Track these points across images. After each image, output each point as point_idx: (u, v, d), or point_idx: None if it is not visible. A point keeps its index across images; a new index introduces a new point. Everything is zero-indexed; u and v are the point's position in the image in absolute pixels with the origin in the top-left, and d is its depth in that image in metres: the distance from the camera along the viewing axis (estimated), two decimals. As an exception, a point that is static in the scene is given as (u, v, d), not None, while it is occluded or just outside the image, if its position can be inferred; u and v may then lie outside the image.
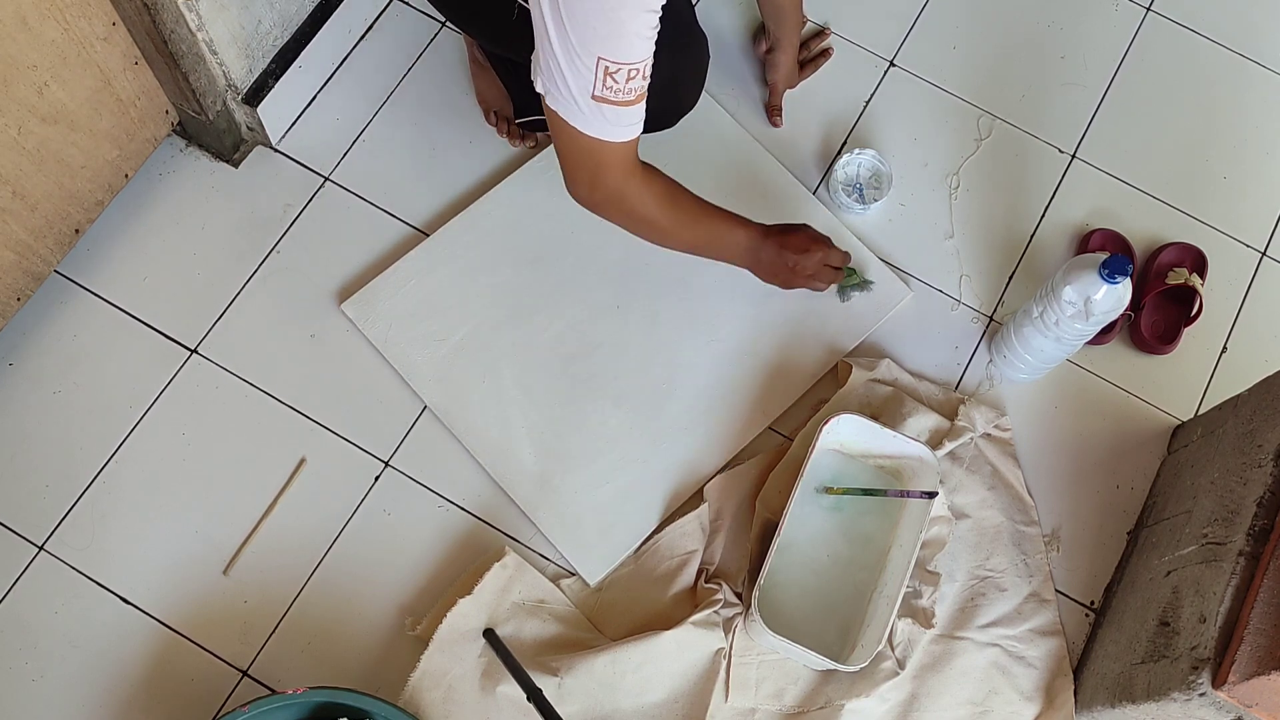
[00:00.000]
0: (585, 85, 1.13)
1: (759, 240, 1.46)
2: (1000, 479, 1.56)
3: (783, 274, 1.50)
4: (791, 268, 1.48)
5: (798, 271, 1.49)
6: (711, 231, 1.44)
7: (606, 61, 1.10)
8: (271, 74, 1.58)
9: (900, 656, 1.45)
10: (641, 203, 1.33)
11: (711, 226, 1.43)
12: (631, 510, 1.51)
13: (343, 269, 1.61)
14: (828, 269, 1.52)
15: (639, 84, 1.15)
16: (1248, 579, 1.23)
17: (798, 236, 1.49)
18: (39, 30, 1.28)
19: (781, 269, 1.49)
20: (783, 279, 1.51)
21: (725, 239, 1.45)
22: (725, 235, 1.45)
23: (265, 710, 1.29)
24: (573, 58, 1.11)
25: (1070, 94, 1.81)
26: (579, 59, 1.11)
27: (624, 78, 1.13)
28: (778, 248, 1.47)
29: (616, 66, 1.11)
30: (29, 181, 1.39)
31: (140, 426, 1.51)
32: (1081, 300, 1.40)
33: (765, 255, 1.47)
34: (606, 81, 1.12)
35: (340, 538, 1.48)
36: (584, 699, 1.39)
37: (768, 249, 1.47)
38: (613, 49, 1.10)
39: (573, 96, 1.14)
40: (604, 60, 1.10)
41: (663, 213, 1.35)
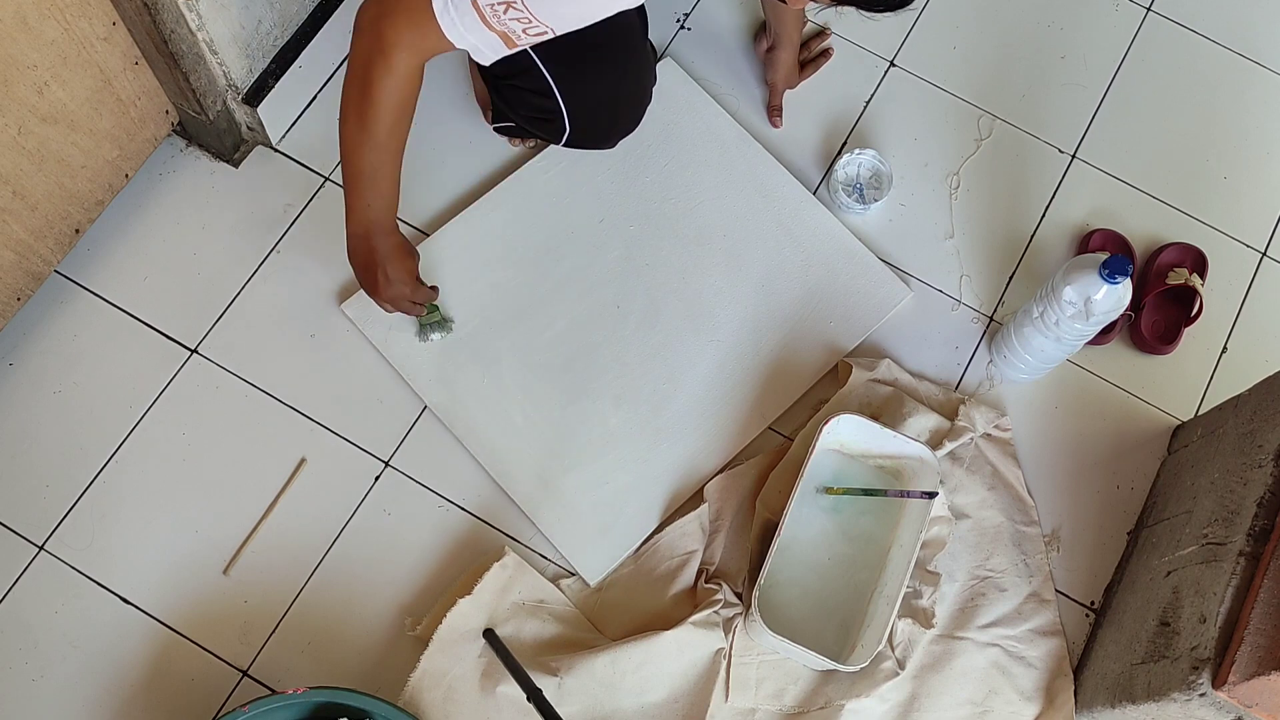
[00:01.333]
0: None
1: (379, 232, 1.38)
2: (1000, 479, 1.56)
3: (365, 278, 1.42)
4: (375, 282, 1.41)
5: (377, 288, 1.42)
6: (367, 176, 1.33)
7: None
8: (272, 74, 1.58)
9: (900, 656, 1.45)
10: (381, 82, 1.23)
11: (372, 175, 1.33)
12: (631, 510, 1.51)
13: (343, 269, 1.60)
14: (404, 300, 1.44)
15: (514, 28, 1.14)
16: (1248, 579, 1.23)
17: (407, 261, 1.42)
18: (39, 30, 1.28)
19: (370, 274, 1.41)
20: (361, 278, 1.43)
21: (363, 191, 1.35)
22: (368, 194, 1.35)
23: (265, 710, 1.29)
24: None
25: (1070, 94, 1.81)
26: None
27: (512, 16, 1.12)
28: (384, 252, 1.39)
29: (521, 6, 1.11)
30: (29, 181, 1.39)
31: (140, 426, 1.51)
32: (1082, 300, 1.40)
33: (364, 250, 1.39)
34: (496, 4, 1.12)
35: (340, 538, 1.48)
36: (584, 699, 1.39)
37: (368, 248, 1.39)
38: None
39: None
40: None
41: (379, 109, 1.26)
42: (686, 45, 1.76)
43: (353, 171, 1.34)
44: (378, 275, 1.41)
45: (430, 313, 1.52)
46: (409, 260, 1.43)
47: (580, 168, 1.66)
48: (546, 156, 1.66)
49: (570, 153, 1.66)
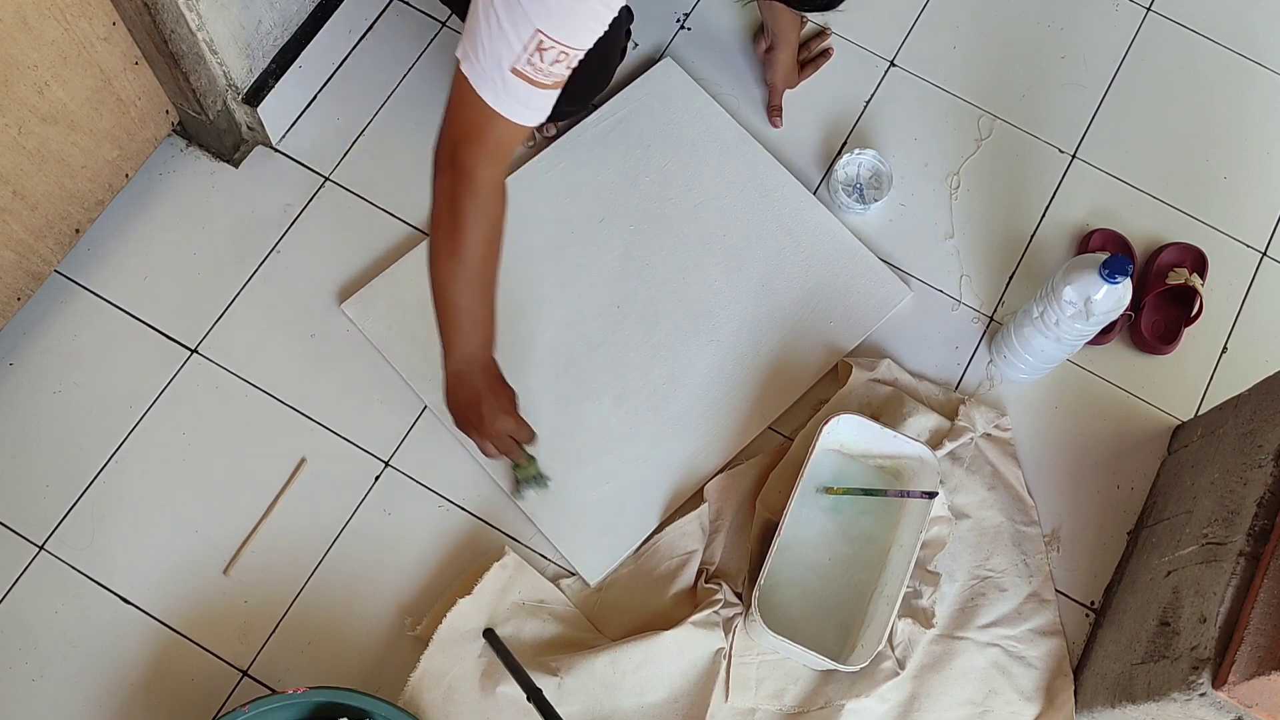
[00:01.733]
0: (510, 54, 1.10)
1: (480, 368, 1.35)
2: (1000, 479, 1.56)
3: (463, 414, 1.37)
4: (475, 420, 1.36)
5: (478, 426, 1.37)
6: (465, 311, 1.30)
7: (543, 35, 1.09)
8: (272, 74, 1.58)
9: (900, 656, 1.45)
10: (468, 205, 1.22)
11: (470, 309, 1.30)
12: (631, 510, 1.51)
13: (343, 269, 1.61)
14: (507, 439, 1.39)
15: (561, 71, 1.13)
16: (1248, 579, 1.23)
17: (503, 396, 1.38)
18: (39, 30, 1.28)
19: (467, 411, 1.37)
20: (461, 417, 1.38)
21: (462, 325, 1.31)
22: (464, 323, 1.31)
23: (265, 710, 1.29)
24: (513, 21, 1.08)
25: (1070, 94, 1.81)
26: (517, 25, 1.09)
27: (551, 59, 1.11)
28: (486, 388, 1.35)
29: (550, 44, 1.10)
30: (29, 181, 1.39)
31: (140, 426, 1.51)
32: (1082, 300, 1.40)
33: (465, 384, 1.35)
34: (533, 57, 1.10)
35: (340, 538, 1.48)
36: (584, 699, 1.39)
37: (469, 381, 1.34)
38: (556, 26, 1.09)
39: (492, 63, 1.11)
40: (541, 34, 1.09)
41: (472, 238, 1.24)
42: (686, 45, 1.76)
43: (449, 309, 1.29)
44: (482, 412, 1.35)
45: (529, 463, 1.46)
46: (510, 393, 1.39)
47: (580, 168, 1.66)
48: (546, 156, 1.66)
49: (570, 153, 1.66)
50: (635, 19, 1.72)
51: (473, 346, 1.33)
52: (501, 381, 1.38)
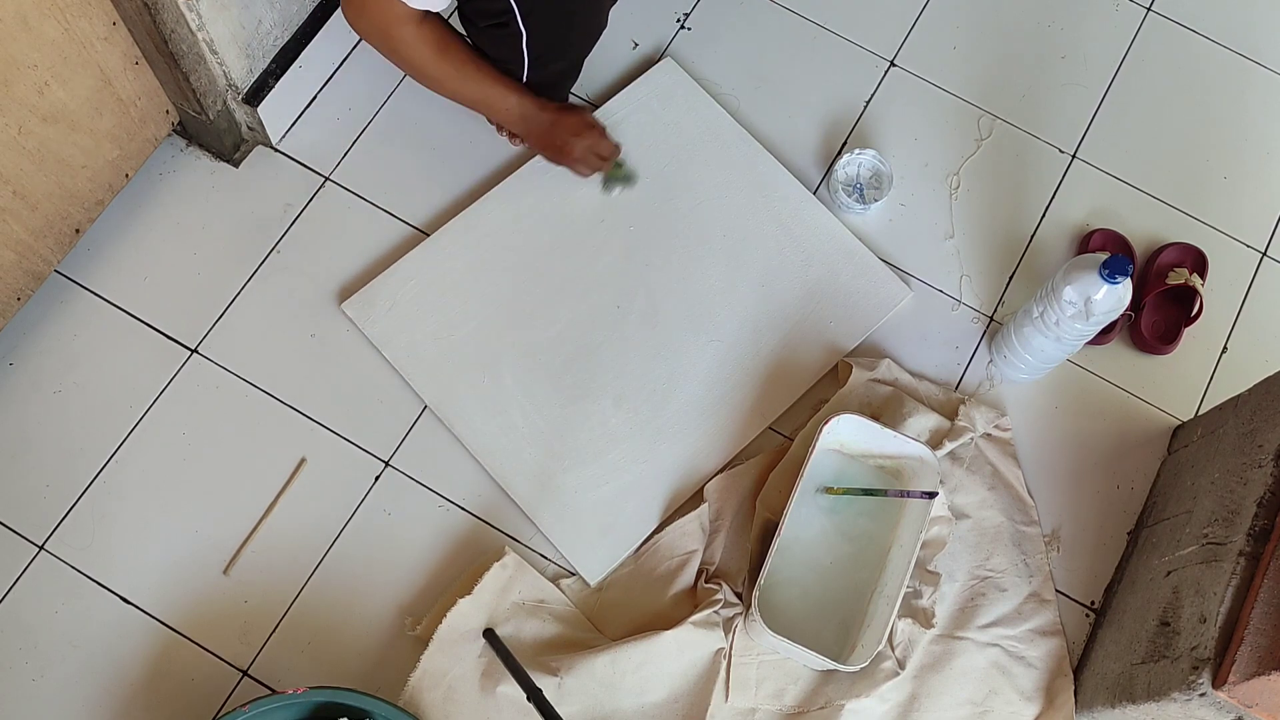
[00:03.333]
0: None
1: (534, 109, 1.51)
2: (1000, 479, 1.56)
3: (551, 148, 1.56)
4: (560, 145, 1.54)
5: (566, 150, 1.54)
6: (481, 90, 1.47)
7: None
8: (272, 74, 1.58)
9: (900, 656, 1.45)
10: (408, 49, 1.38)
11: (481, 85, 1.46)
12: (631, 510, 1.51)
13: (343, 269, 1.61)
14: (595, 156, 1.56)
15: None
16: (1248, 579, 1.23)
17: (574, 118, 1.54)
18: (39, 30, 1.28)
19: (551, 143, 1.55)
20: (551, 153, 1.57)
21: (496, 100, 1.49)
22: (496, 98, 1.48)
23: (265, 710, 1.29)
24: None
25: (1070, 94, 1.81)
26: None
27: None
28: (551, 122, 1.52)
29: None
30: (29, 181, 1.39)
31: (140, 426, 1.51)
32: (1082, 300, 1.40)
33: (538, 125, 1.52)
34: None
35: (340, 538, 1.48)
36: (584, 699, 1.39)
37: (542, 119, 1.51)
38: None
39: None
40: None
41: (430, 63, 1.40)
42: (686, 45, 1.77)
43: (468, 99, 1.48)
44: (556, 148, 1.53)
45: (616, 168, 1.61)
46: (579, 115, 1.53)
47: (580, 168, 1.66)
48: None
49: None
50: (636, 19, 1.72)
51: (511, 99, 1.49)
52: (562, 111, 1.53)
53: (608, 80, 1.73)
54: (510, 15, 1.40)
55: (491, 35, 1.45)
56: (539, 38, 1.44)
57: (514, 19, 1.40)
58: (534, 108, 1.51)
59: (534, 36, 1.43)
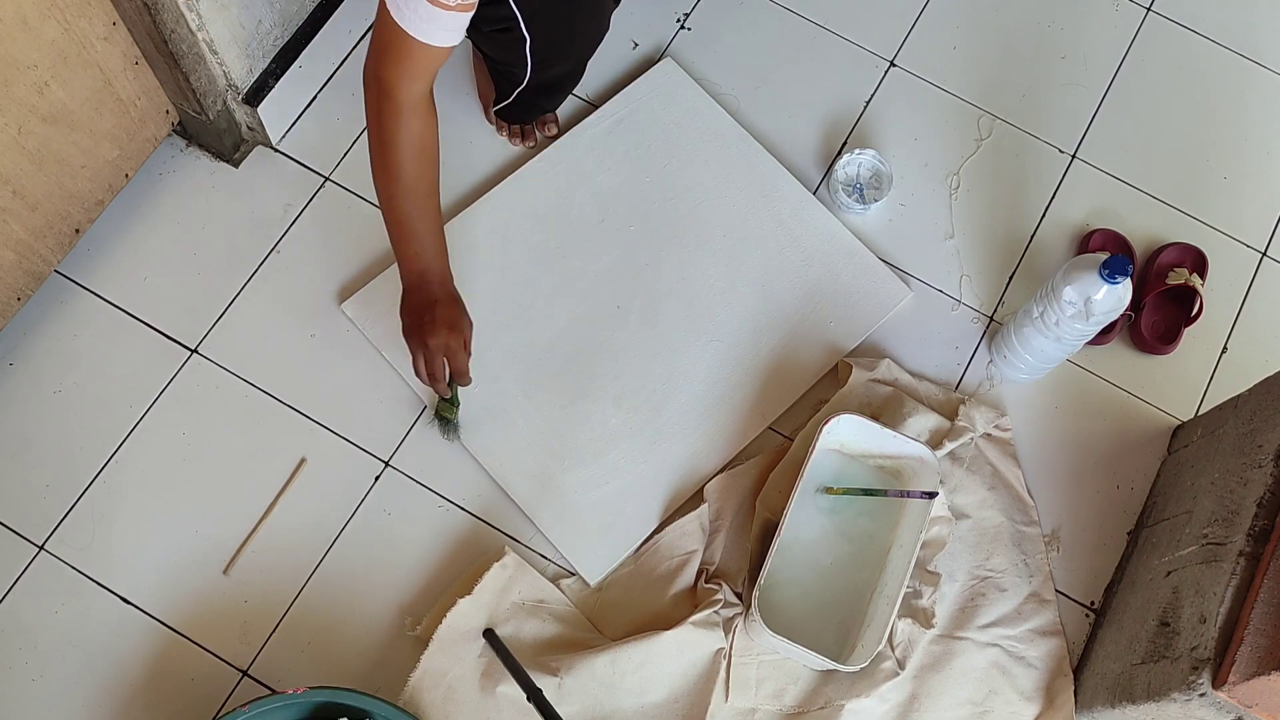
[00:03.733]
0: None
1: (433, 281, 1.37)
2: (1000, 479, 1.56)
3: (412, 321, 1.38)
4: (426, 322, 1.36)
5: (426, 328, 1.36)
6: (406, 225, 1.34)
7: None
8: (272, 74, 1.58)
9: (900, 656, 1.45)
10: (393, 123, 1.27)
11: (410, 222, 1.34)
12: (631, 510, 1.51)
13: (343, 269, 1.61)
14: (440, 359, 1.38)
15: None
16: (1248, 579, 1.23)
17: (458, 315, 1.38)
18: (39, 30, 1.28)
19: (419, 315, 1.37)
20: (407, 324, 1.39)
21: (410, 244, 1.36)
22: (411, 242, 1.36)
23: (265, 710, 1.29)
24: None
25: (1070, 94, 1.81)
26: None
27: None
28: (436, 301, 1.37)
29: None
30: (29, 181, 1.39)
31: (140, 426, 1.51)
32: (1082, 300, 1.40)
33: (423, 294, 1.37)
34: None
35: (340, 538, 1.48)
36: (584, 699, 1.39)
37: (429, 292, 1.37)
38: None
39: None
40: None
41: (400, 154, 1.29)
42: (686, 45, 1.77)
43: (392, 221, 1.35)
44: (424, 319, 1.36)
45: (452, 403, 1.46)
46: (461, 314, 1.39)
47: (580, 167, 1.66)
48: (546, 156, 1.66)
49: (570, 153, 1.66)
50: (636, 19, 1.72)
51: (425, 259, 1.37)
52: (455, 300, 1.40)
53: (608, 80, 1.73)
54: (513, 21, 1.40)
55: (495, 40, 1.46)
56: (542, 42, 1.45)
57: (517, 25, 1.41)
58: (436, 279, 1.37)
59: (537, 41, 1.44)
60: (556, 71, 1.54)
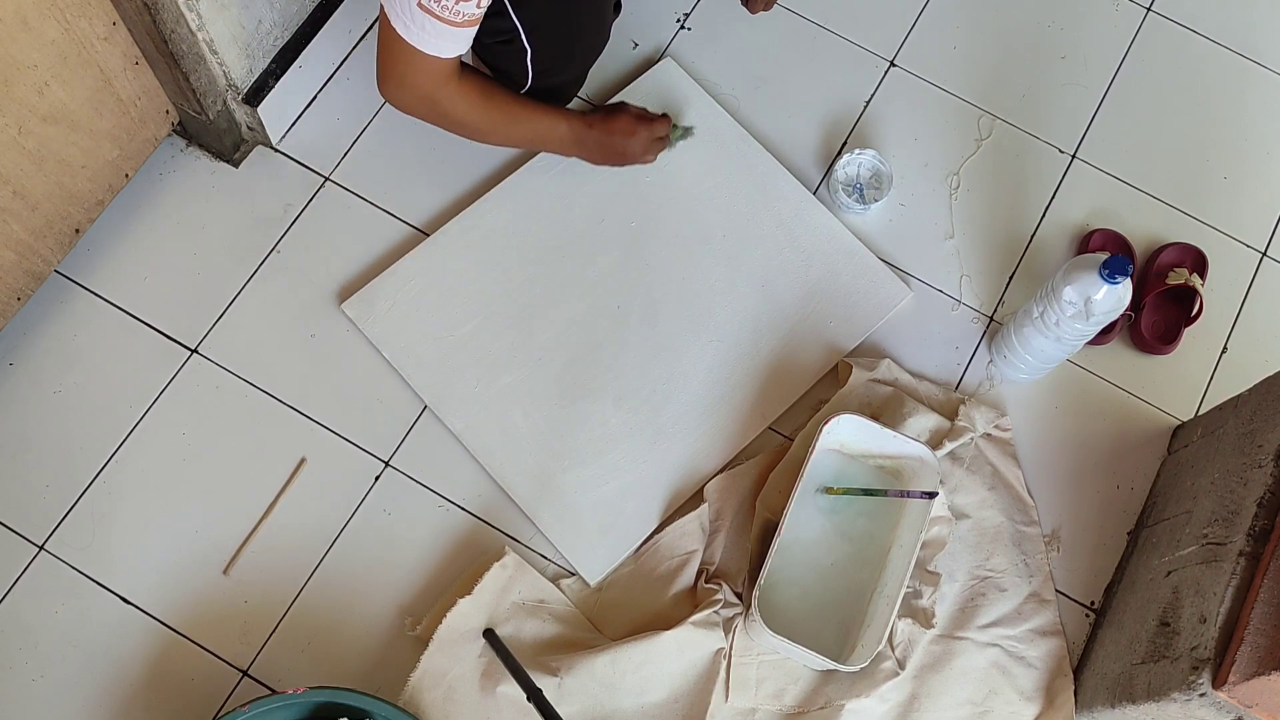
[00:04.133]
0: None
1: (583, 130, 1.53)
2: (1000, 479, 1.56)
3: (614, 156, 1.58)
4: (621, 151, 1.56)
5: (628, 154, 1.57)
6: (532, 129, 1.50)
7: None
8: (272, 74, 1.58)
9: (900, 656, 1.45)
10: (454, 106, 1.38)
11: (531, 124, 1.49)
12: (631, 510, 1.51)
13: (343, 269, 1.61)
14: (656, 142, 1.58)
15: (469, 9, 1.21)
16: (1248, 579, 1.23)
17: (620, 120, 1.55)
18: (39, 30, 1.28)
19: (611, 153, 1.57)
20: (615, 161, 1.59)
21: (548, 134, 1.52)
22: (547, 131, 1.52)
23: (265, 710, 1.29)
24: None
25: (1070, 94, 1.81)
26: None
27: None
28: (604, 134, 1.54)
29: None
30: (29, 181, 1.39)
31: (140, 426, 1.51)
32: (1082, 300, 1.40)
33: (592, 143, 1.54)
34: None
35: (340, 538, 1.48)
36: (584, 699, 1.39)
37: (593, 136, 1.53)
38: None
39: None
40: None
41: (477, 115, 1.41)
42: (686, 45, 1.77)
43: (525, 141, 1.54)
44: (618, 155, 1.56)
45: (674, 132, 1.63)
46: (620, 121, 1.54)
47: (581, 167, 1.66)
48: (547, 156, 1.66)
49: (570, 152, 1.66)
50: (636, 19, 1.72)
51: (560, 128, 1.52)
52: (608, 120, 1.54)
53: (608, 80, 1.73)
54: (515, 33, 1.41)
55: (497, 51, 1.46)
56: (543, 54, 1.46)
57: (518, 36, 1.42)
58: (583, 128, 1.53)
59: (538, 53, 1.45)
60: (557, 81, 1.55)
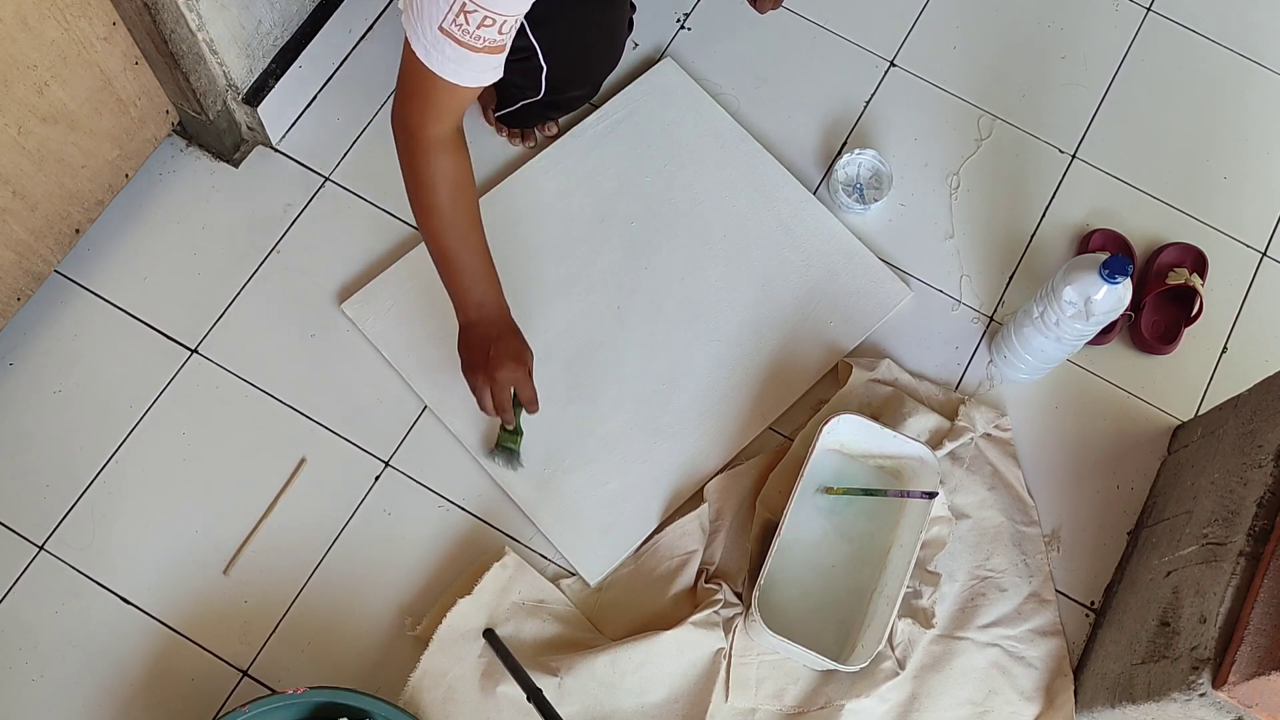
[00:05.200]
0: (438, 14, 1.12)
1: (491, 317, 1.38)
2: (1000, 479, 1.56)
3: (476, 357, 1.39)
4: (488, 357, 1.37)
5: (490, 367, 1.37)
6: (456, 261, 1.34)
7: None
8: (272, 74, 1.58)
9: (900, 656, 1.45)
10: (426, 163, 1.27)
11: (458, 257, 1.34)
12: (631, 510, 1.51)
13: (343, 269, 1.61)
14: (507, 391, 1.39)
15: (491, 35, 1.14)
16: (1248, 579, 1.23)
17: (517, 344, 1.39)
18: (39, 30, 1.28)
19: (482, 349, 1.38)
20: (468, 360, 1.40)
21: (463, 280, 1.35)
22: (464, 278, 1.35)
23: (265, 710, 1.29)
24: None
25: (1070, 94, 1.81)
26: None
27: (476, 21, 1.12)
28: (498, 335, 1.38)
29: (475, 8, 1.11)
30: (29, 181, 1.39)
31: (140, 426, 1.51)
32: (1082, 300, 1.40)
33: (483, 328, 1.38)
34: (459, 18, 1.12)
35: (340, 538, 1.48)
36: (584, 699, 1.39)
37: (486, 326, 1.38)
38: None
39: (425, 22, 1.14)
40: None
41: (435, 192, 1.28)
42: (686, 45, 1.77)
43: (439, 259, 1.34)
44: (489, 354, 1.37)
45: (515, 432, 1.47)
46: (522, 346, 1.40)
47: (580, 167, 1.66)
48: (547, 156, 1.66)
49: (570, 153, 1.66)
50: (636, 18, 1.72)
51: (479, 294, 1.37)
52: (515, 332, 1.40)
53: (608, 80, 1.72)
54: (531, 51, 1.42)
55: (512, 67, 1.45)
56: (558, 71, 1.46)
57: (535, 55, 1.42)
58: (493, 312, 1.38)
59: (553, 70, 1.46)
60: (569, 95, 1.56)
